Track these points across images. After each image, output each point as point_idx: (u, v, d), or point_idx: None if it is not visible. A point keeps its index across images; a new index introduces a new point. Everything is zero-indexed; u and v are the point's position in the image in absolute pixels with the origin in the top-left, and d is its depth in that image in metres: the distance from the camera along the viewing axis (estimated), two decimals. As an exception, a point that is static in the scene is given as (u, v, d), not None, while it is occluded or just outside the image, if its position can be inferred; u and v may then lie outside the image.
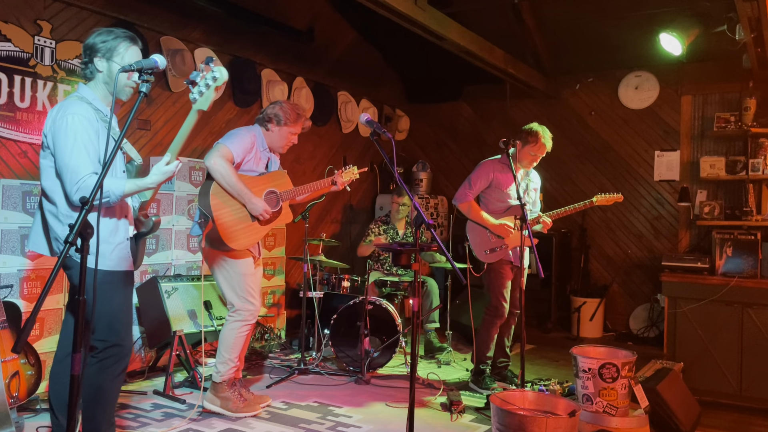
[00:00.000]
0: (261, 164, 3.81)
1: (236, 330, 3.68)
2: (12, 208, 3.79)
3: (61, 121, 2.53)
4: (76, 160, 2.48)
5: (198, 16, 5.11)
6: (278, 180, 3.84)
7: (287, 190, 3.83)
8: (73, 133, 2.50)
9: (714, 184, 5.96)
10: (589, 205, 4.36)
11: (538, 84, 6.52)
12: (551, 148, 4.35)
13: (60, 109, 2.57)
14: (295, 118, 3.83)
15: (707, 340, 4.70)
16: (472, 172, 4.40)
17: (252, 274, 3.73)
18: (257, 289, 3.76)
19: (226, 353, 3.68)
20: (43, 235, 2.67)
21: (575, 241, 6.74)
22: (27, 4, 4.06)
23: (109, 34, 2.64)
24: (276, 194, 3.78)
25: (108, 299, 2.61)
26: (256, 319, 3.78)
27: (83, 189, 2.45)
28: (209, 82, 2.55)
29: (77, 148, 2.49)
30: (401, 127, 7.63)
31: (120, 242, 2.66)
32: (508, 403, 3.09)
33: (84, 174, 2.47)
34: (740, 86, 5.79)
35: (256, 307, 3.73)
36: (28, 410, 3.54)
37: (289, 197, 3.84)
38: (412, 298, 3.07)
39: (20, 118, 4.03)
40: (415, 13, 4.46)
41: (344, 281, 5.31)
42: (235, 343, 3.69)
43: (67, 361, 2.69)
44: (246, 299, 3.68)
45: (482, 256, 4.32)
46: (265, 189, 3.75)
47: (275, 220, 3.77)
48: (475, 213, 4.33)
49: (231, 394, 3.67)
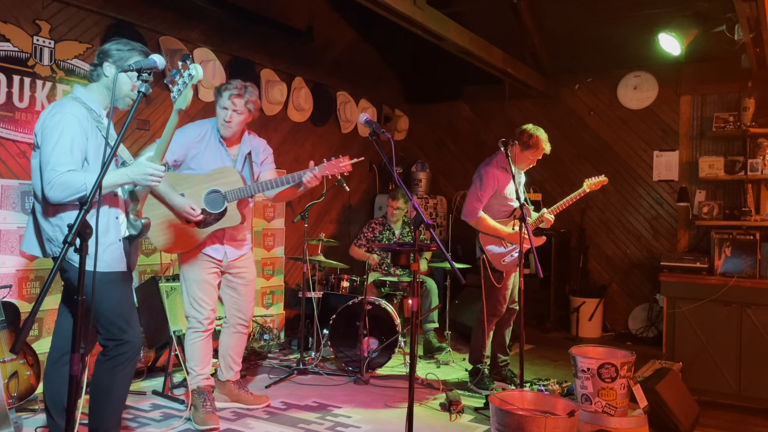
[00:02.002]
0: (215, 162, 3.50)
1: (187, 338, 3.59)
2: (11, 208, 3.79)
3: (51, 119, 2.55)
4: (57, 157, 2.48)
5: (197, 16, 5.11)
6: (225, 178, 3.43)
7: (234, 189, 3.42)
8: (59, 131, 2.51)
9: (713, 184, 5.97)
10: (582, 194, 4.41)
11: (537, 84, 6.52)
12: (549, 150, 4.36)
13: (52, 108, 2.60)
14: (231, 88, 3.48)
15: (706, 340, 4.70)
16: (476, 184, 4.26)
17: (202, 282, 3.52)
18: (204, 297, 3.53)
19: (187, 363, 3.61)
20: (35, 236, 2.67)
21: (574, 241, 6.75)
22: (26, 3, 4.05)
23: (126, 44, 2.68)
24: (220, 193, 3.42)
25: (108, 298, 2.61)
26: (206, 328, 3.56)
27: (56, 185, 2.45)
28: (186, 80, 2.53)
29: (60, 145, 2.49)
30: (400, 127, 7.62)
31: (111, 243, 2.65)
32: (507, 403, 3.09)
33: (61, 171, 2.46)
34: (739, 86, 5.79)
35: (202, 314, 3.53)
36: (27, 410, 3.53)
37: (237, 197, 3.42)
38: (411, 298, 3.07)
39: (19, 118, 4.03)
40: (414, 12, 4.46)
41: (343, 281, 5.31)
42: (190, 353, 3.57)
43: (62, 362, 2.69)
44: (190, 305, 3.55)
45: (500, 266, 4.29)
46: (207, 188, 3.41)
47: (216, 222, 3.43)
48: (488, 226, 4.25)
49: (199, 402, 3.52)
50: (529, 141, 4.24)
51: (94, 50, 4.43)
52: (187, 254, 3.53)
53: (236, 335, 3.77)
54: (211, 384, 3.64)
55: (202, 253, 3.54)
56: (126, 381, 2.74)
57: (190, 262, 3.54)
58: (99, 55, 2.68)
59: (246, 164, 3.67)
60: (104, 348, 2.68)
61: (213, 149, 3.54)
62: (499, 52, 5.72)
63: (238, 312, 3.74)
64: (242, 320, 3.77)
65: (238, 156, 3.63)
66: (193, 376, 3.59)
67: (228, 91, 3.48)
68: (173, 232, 3.43)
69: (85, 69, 4.37)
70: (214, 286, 3.60)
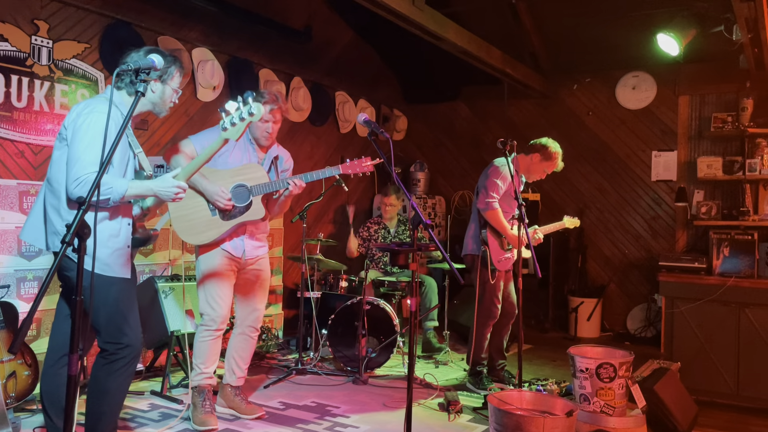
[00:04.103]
0: (241, 160, 3.56)
1: (198, 335, 3.57)
2: (9, 208, 3.78)
3: (88, 115, 2.53)
4: (89, 156, 2.47)
5: (195, 15, 5.11)
6: (251, 173, 3.52)
7: (260, 184, 3.48)
8: (95, 130, 2.50)
9: (711, 184, 5.97)
10: (560, 227, 4.52)
11: (536, 84, 6.53)
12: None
13: (88, 104, 2.58)
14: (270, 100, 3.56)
15: (704, 340, 4.71)
16: (492, 177, 4.23)
17: (219, 278, 3.53)
18: (221, 293, 3.53)
19: (193, 359, 3.60)
20: (42, 227, 2.66)
21: (572, 241, 6.75)
22: (24, 3, 4.05)
23: (165, 56, 2.66)
24: (245, 188, 3.48)
25: (111, 302, 2.60)
26: (219, 327, 3.54)
27: (85, 183, 2.45)
28: (244, 116, 2.63)
29: (94, 144, 2.48)
30: (399, 127, 7.63)
31: (119, 247, 2.64)
32: (505, 403, 3.09)
33: (91, 170, 2.46)
34: (737, 86, 5.80)
35: (217, 312, 3.52)
36: (25, 411, 3.53)
37: (263, 191, 3.49)
38: (410, 297, 3.08)
39: (17, 118, 4.02)
40: (413, 13, 4.46)
41: (342, 281, 5.31)
42: (197, 349, 3.56)
43: (60, 364, 2.68)
44: (206, 302, 3.54)
45: (497, 264, 4.29)
46: (234, 182, 3.47)
47: (242, 215, 3.48)
48: (500, 222, 4.23)
49: (199, 402, 3.52)
50: (552, 155, 4.31)
51: (93, 50, 4.43)
52: (206, 247, 3.53)
53: (243, 338, 3.72)
54: (212, 384, 3.62)
55: (221, 249, 3.54)
56: (124, 384, 2.72)
57: (208, 256, 3.54)
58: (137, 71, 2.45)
59: (272, 167, 3.71)
60: (103, 351, 2.66)
61: (242, 149, 3.60)
62: (497, 52, 5.73)
63: (248, 314, 3.70)
64: (252, 323, 3.71)
65: (266, 158, 3.68)
66: (197, 373, 3.57)
67: (269, 105, 3.53)
68: (198, 223, 3.46)
69: (84, 69, 4.37)
70: (230, 284, 3.59)
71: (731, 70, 5.65)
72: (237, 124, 2.63)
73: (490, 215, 4.23)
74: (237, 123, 2.63)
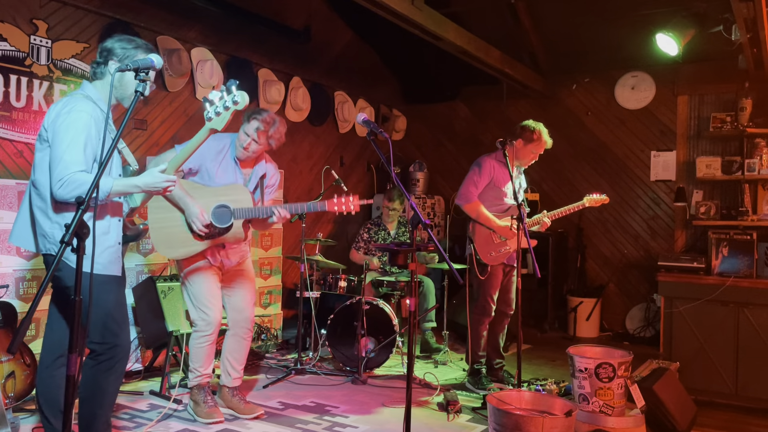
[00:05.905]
0: (227, 178, 3.50)
1: (193, 341, 3.59)
2: (8, 207, 3.78)
3: (67, 115, 2.51)
4: (71, 155, 2.45)
5: (194, 15, 5.11)
6: (235, 195, 3.43)
7: (243, 208, 3.39)
8: (75, 129, 2.48)
9: (710, 184, 5.98)
10: (580, 207, 4.41)
11: (535, 84, 6.53)
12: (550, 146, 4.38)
13: (66, 104, 2.55)
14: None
15: (703, 340, 4.71)
16: (474, 170, 4.30)
17: (205, 282, 3.52)
18: (209, 297, 3.53)
19: (190, 363, 3.63)
20: (30, 230, 2.64)
21: (572, 241, 6.75)
22: (23, 3, 4.05)
23: (130, 41, 2.64)
24: (228, 209, 3.39)
25: (103, 301, 2.59)
26: (213, 330, 3.56)
27: (68, 183, 2.43)
28: (228, 105, 2.55)
29: (75, 144, 2.46)
30: (398, 127, 7.63)
31: (110, 245, 2.63)
32: (504, 403, 3.09)
33: (74, 169, 2.44)
34: (736, 87, 5.81)
35: (209, 317, 3.52)
36: (24, 410, 3.53)
37: (245, 216, 3.40)
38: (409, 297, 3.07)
39: (16, 118, 4.02)
40: (412, 13, 4.46)
41: (341, 281, 5.31)
42: (194, 354, 3.59)
43: (56, 365, 2.67)
44: (195, 309, 3.55)
45: (487, 258, 4.27)
46: (217, 201, 3.40)
47: (221, 236, 3.42)
48: (481, 213, 4.25)
49: (200, 398, 3.59)
50: (532, 135, 4.26)
51: (92, 50, 4.43)
52: (187, 260, 3.52)
53: (236, 339, 3.72)
54: (209, 380, 3.67)
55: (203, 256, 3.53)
56: (117, 384, 2.72)
57: (191, 266, 3.53)
58: (102, 52, 2.63)
59: (258, 185, 3.67)
60: (94, 352, 2.63)
61: (227, 166, 3.55)
62: (496, 52, 5.73)
63: (238, 315, 3.71)
64: (243, 324, 3.72)
65: (252, 176, 3.63)
66: (196, 375, 3.61)
67: (256, 122, 3.49)
68: (176, 238, 3.41)
69: (82, 69, 4.37)
70: (216, 285, 3.59)
71: (730, 70, 5.66)
72: (222, 113, 2.55)
73: (469, 208, 4.26)
74: (222, 112, 2.55)
